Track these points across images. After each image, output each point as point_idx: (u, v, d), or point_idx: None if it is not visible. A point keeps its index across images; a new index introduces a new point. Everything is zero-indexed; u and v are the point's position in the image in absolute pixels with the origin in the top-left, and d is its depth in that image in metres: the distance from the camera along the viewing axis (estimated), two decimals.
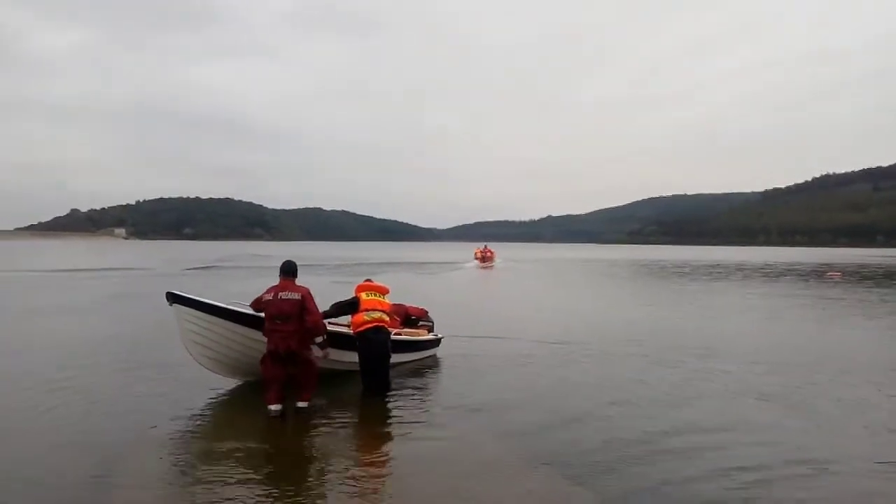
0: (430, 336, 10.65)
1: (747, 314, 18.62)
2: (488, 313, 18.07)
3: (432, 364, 10.30)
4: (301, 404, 7.35)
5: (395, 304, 10.59)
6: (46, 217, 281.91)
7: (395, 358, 9.55)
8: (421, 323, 10.78)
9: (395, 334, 9.78)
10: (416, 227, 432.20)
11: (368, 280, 8.99)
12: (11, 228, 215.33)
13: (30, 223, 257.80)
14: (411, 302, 11.41)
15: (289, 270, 7.57)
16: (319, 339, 7.51)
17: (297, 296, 7.31)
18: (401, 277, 33.61)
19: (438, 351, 10.88)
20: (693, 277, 37.40)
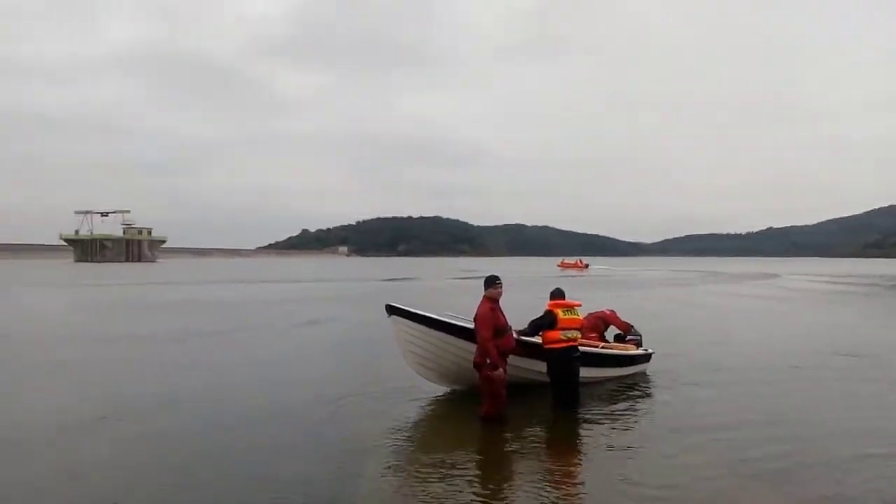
0: (639, 351, 10.30)
1: None
2: (701, 331, 16.98)
3: (641, 380, 9.95)
4: (484, 415, 7.44)
5: (594, 315, 10.41)
6: (281, 237, 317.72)
7: (600, 373, 9.40)
8: (629, 338, 10.46)
9: (602, 348, 9.62)
10: (619, 241, 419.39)
11: (559, 290, 8.68)
12: (253, 248, 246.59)
13: (268, 243, 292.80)
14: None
15: (485, 285, 7.77)
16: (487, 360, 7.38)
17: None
18: (597, 292, 32.85)
19: (649, 367, 10.48)
20: None
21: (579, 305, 8.56)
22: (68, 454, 6.42)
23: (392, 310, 8.20)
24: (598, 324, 10.39)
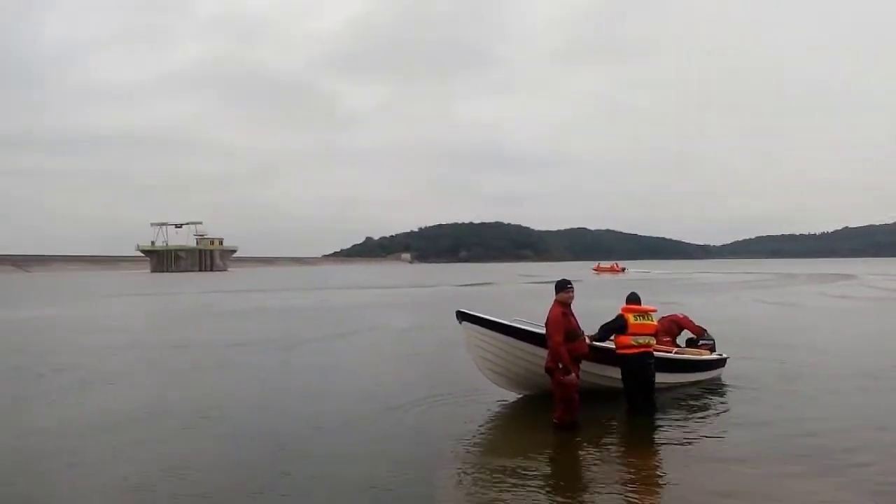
0: (713, 356, 10.08)
1: None
2: (776, 334, 16.42)
3: (717, 386, 9.73)
4: (557, 421, 7.44)
5: (667, 319, 10.23)
6: (346, 245, 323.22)
7: (673, 378, 9.25)
8: (701, 342, 10.24)
9: (675, 353, 9.48)
10: (686, 244, 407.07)
11: (635, 295, 8.57)
12: (319, 255, 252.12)
13: (333, 251, 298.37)
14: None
15: (556, 289, 7.80)
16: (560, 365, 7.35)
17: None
18: (665, 294, 32.08)
19: (723, 372, 10.24)
20: None
21: (654, 311, 8.39)
22: (163, 449, 6.77)
23: (462, 316, 8.31)
24: (672, 328, 10.23)
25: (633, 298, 8.41)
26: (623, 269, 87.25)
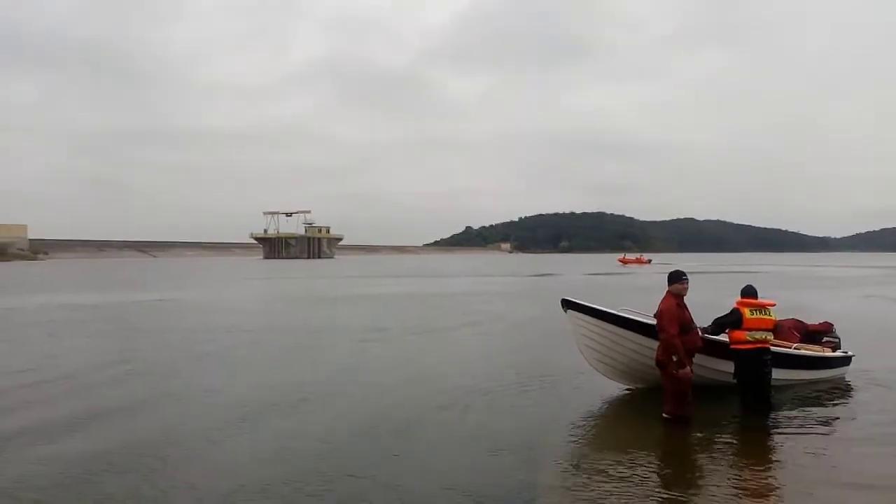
0: (836, 353, 9.52)
1: None
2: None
3: (840, 386, 9.20)
4: (665, 415, 7.28)
5: (792, 320, 9.72)
6: (446, 235, 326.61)
7: (791, 375, 8.82)
8: (825, 339, 9.65)
9: (795, 348, 9.02)
10: (803, 235, 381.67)
11: (750, 288, 8.14)
12: (421, 244, 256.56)
13: (434, 240, 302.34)
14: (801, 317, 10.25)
15: (669, 280, 7.59)
16: (675, 358, 7.12)
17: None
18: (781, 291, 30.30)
19: (848, 371, 9.66)
20: None
21: (773, 305, 8.00)
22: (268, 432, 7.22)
23: (568, 304, 8.26)
24: (798, 325, 9.72)
25: (749, 292, 8.04)
26: (649, 261, 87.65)
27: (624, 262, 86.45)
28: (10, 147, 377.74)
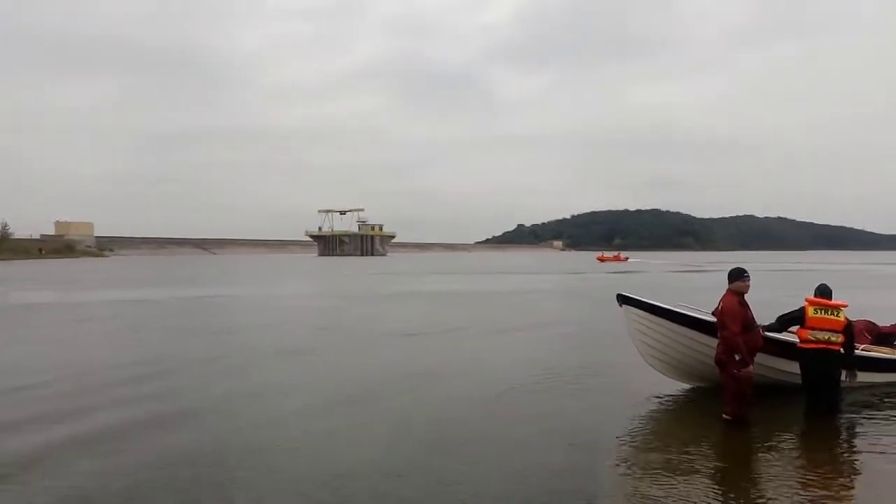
0: None
1: None
2: None
3: None
4: (728, 416, 7.11)
5: (864, 321, 9.38)
6: (497, 233, 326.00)
7: (863, 377, 8.49)
8: None
9: (863, 349, 8.70)
10: (870, 233, 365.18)
11: (824, 287, 7.79)
12: (472, 242, 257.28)
13: (486, 237, 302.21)
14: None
15: (729, 278, 7.37)
16: (737, 357, 6.95)
17: (718, 306, 7.24)
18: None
19: None
20: None
21: (844, 306, 7.56)
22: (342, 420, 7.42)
23: (624, 299, 8.12)
24: (870, 326, 9.37)
25: (822, 291, 7.71)
26: (626, 259, 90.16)
27: (602, 259, 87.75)
28: (80, 148, 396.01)
